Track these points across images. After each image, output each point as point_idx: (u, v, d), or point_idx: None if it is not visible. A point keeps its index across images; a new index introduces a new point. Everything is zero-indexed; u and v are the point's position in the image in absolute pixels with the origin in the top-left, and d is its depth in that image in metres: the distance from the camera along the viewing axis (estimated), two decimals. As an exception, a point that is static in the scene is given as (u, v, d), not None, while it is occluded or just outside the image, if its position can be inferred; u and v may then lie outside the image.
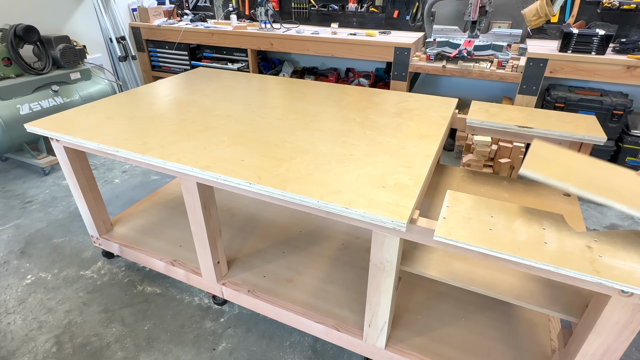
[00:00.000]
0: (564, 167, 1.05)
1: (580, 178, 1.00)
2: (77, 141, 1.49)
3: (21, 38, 2.74)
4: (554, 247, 0.94)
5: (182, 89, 2.06)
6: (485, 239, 0.97)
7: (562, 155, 1.12)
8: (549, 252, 0.92)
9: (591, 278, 0.86)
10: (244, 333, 1.64)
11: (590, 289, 0.95)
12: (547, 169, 1.02)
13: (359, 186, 1.14)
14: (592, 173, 1.04)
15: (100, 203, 1.90)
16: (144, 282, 1.91)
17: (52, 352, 1.56)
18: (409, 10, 3.27)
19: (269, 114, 1.70)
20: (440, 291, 1.58)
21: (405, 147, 1.39)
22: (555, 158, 1.09)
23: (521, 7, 2.85)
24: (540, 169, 1.02)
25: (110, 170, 2.99)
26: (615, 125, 2.55)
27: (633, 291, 0.84)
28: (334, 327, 1.44)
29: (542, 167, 1.03)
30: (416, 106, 1.79)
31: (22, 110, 2.69)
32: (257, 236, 1.92)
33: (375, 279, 1.21)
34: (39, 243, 2.19)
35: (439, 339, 1.40)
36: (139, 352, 1.56)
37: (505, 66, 2.66)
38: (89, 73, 3.16)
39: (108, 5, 3.68)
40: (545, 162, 1.05)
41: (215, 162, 1.28)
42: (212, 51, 3.76)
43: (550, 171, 1.02)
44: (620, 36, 2.68)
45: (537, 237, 1.02)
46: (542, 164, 1.05)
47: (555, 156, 1.10)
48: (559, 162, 1.07)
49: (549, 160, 1.07)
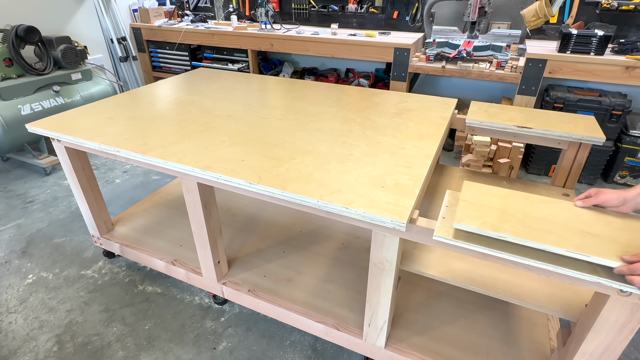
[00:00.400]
0: (497, 210, 1.01)
1: (515, 223, 0.97)
2: (78, 141, 1.50)
3: (22, 39, 2.75)
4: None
5: (183, 90, 2.07)
6: (484, 238, 0.97)
7: (494, 196, 1.08)
8: (549, 251, 0.92)
9: (590, 278, 0.87)
10: (245, 332, 1.65)
11: (589, 289, 0.96)
12: (481, 218, 0.98)
13: (359, 186, 1.14)
14: (527, 212, 1.01)
15: (101, 203, 1.91)
16: (145, 281, 1.92)
17: (53, 352, 1.57)
18: (408, 11, 3.28)
19: (269, 114, 1.71)
20: (440, 290, 1.59)
21: (404, 147, 1.39)
22: (487, 202, 1.05)
23: (520, 8, 2.85)
24: (474, 219, 0.98)
25: (111, 170, 3.00)
26: (614, 126, 2.56)
27: (632, 290, 0.84)
28: (334, 326, 1.44)
29: (475, 217, 0.98)
30: (416, 106, 1.80)
31: (23, 110, 2.70)
32: (257, 236, 1.93)
33: (375, 279, 1.21)
34: (40, 243, 2.20)
35: (439, 338, 1.40)
36: (140, 352, 1.56)
37: (504, 67, 2.67)
38: (90, 73, 3.17)
39: (109, 6, 3.69)
40: (478, 209, 1.02)
41: (215, 162, 1.29)
42: (213, 52, 3.77)
43: (484, 219, 0.98)
44: (619, 37, 2.68)
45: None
46: (475, 212, 1.01)
47: (487, 199, 1.06)
48: (492, 205, 1.04)
49: (482, 206, 1.03)
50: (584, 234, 0.93)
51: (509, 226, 0.96)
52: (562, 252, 0.89)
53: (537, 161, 2.88)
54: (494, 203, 1.05)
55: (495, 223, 0.97)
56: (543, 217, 1.00)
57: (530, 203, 1.05)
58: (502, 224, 0.97)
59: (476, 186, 1.13)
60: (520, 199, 1.07)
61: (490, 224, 0.96)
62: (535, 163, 2.90)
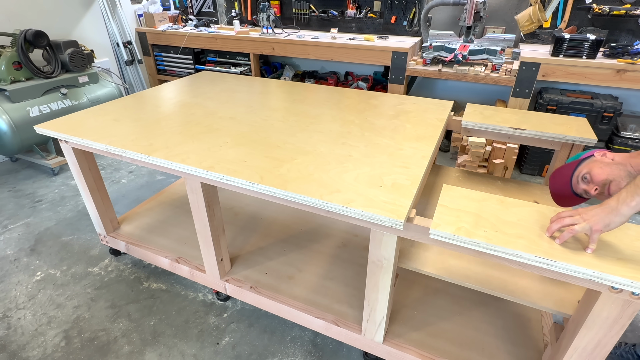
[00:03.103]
0: (473, 215, 1.03)
1: (489, 228, 0.99)
2: (85, 142, 1.51)
3: (31, 43, 2.79)
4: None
5: (187, 92, 2.09)
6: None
7: (471, 201, 1.10)
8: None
9: (582, 275, 0.88)
10: (247, 328, 1.67)
11: (582, 286, 0.97)
12: (456, 223, 1.00)
13: (358, 186, 1.16)
14: (501, 216, 1.03)
15: (108, 202, 1.93)
16: (150, 278, 1.95)
17: (60, 347, 1.59)
18: (406, 15, 3.32)
19: (270, 116, 1.73)
20: (436, 287, 1.61)
21: (402, 148, 1.41)
22: (464, 206, 1.07)
23: (514, 13, 2.88)
24: (449, 224, 1.00)
25: (117, 171, 3.03)
26: (606, 127, 2.59)
27: (623, 287, 0.86)
28: (334, 322, 1.46)
29: (451, 222, 1.01)
30: (413, 109, 1.82)
31: (32, 112, 2.74)
32: (259, 234, 1.95)
33: (373, 276, 1.23)
34: (48, 241, 2.23)
35: (435, 333, 1.42)
36: (145, 347, 1.59)
37: (499, 70, 2.70)
38: (96, 76, 3.20)
39: (115, 11, 3.74)
40: (454, 214, 1.04)
41: (218, 163, 1.31)
42: (216, 55, 3.81)
43: (459, 225, 1.00)
44: (611, 41, 2.71)
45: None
46: (451, 217, 1.03)
47: (464, 204, 1.08)
48: (469, 209, 1.06)
49: (458, 211, 1.05)
50: (553, 239, 0.96)
51: (482, 232, 0.98)
52: (530, 258, 0.92)
53: (531, 162, 2.91)
54: (471, 207, 1.07)
55: (470, 229, 0.99)
56: (516, 221, 1.02)
57: (505, 207, 1.08)
58: (476, 229, 0.99)
59: (454, 190, 1.15)
60: (496, 203, 1.09)
61: (465, 230, 0.99)
62: (529, 163, 2.92)
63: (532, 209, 1.07)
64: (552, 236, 0.97)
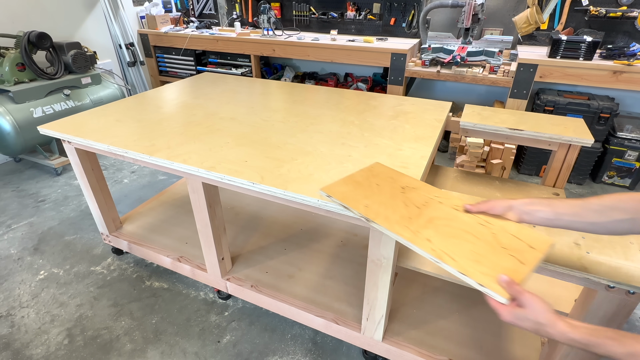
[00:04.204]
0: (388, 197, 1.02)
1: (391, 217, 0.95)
2: (88, 143, 1.53)
3: (34, 44, 2.81)
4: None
5: (188, 93, 2.11)
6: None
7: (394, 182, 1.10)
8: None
9: (579, 274, 0.89)
10: (248, 326, 1.68)
11: (579, 285, 0.97)
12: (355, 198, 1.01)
13: None
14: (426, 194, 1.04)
15: (110, 202, 1.95)
16: (152, 277, 1.96)
17: (64, 345, 1.60)
18: (405, 17, 3.34)
19: (271, 116, 1.74)
20: (435, 286, 1.62)
21: (401, 148, 1.42)
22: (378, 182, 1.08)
23: (512, 15, 2.90)
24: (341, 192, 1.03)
25: (119, 171, 3.05)
26: (602, 128, 2.61)
27: (619, 286, 0.87)
28: (333, 320, 1.47)
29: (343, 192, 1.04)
30: (412, 109, 1.84)
31: (35, 113, 2.76)
32: (259, 234, 1.96)
33: (372, 275, 1.24)
34: (52, 240, 2.25)
35: (434, 331, 1.43)
36: (147, 345, 1.60)
37: (497, 71, 2.72)
38: (99, 78, 3.23)
39: (117, 13, 3.77)
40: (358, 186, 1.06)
41: (219, 163, 1.32)
42: (217, 57, 3.83)
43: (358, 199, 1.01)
44: (607, 43, 2.73)
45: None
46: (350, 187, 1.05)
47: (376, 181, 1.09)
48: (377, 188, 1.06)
49: (369, 185, 1.07)
50: (466, 234, 0.90)
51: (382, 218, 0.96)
52: (413, 247, 0.89)
53: (528, 162, 2.92)
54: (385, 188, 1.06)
55: (371, 206, 0.99)
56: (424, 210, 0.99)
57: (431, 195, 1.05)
58: (376, 214, 0.97)
59: (383, 168, 1.18)
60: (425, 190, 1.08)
61: (360, 205, 0.99)
62: (527, 164, 2.93)
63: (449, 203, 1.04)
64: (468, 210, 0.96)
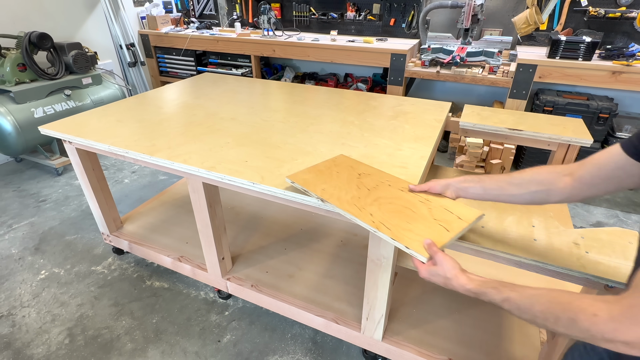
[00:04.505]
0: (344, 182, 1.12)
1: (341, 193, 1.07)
2: (89, 143, 1.53)
3: (35, 45, 2.82)
4: (543, 243, 0.96)
5: (189, 94, 2.11)
6: (476, 236, 1.01)
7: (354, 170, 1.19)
8: (539, 248, 0.94)
9: (578, 274, 0.90)
10: (248, 326, 1.69)
11: (578, 284, 0.98)
12: (318, 183, 1.10)
13: None
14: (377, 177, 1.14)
15: (111, 202, 1.95)
16: (152, 277, 1.97)
17: (64, 344, 1.61)
18: (404, 18, 3.35)
19: (271, 117, 1.75)
20: (435, 286, 1.57)
21: (401, 148, 1.42)
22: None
23: (511, 16, 2.91)
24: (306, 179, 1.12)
25: (120, 171, 3.06)
26: (601, 128, 2.61)
27: (617, 286, 0.87)
28: (333, 320, 1.47)
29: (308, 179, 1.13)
30: (411, 110, 1.84)
31: (36, 113, 2.77)
32: (260, 233, 1.97)
33: (372, 274, 1.24)
34: (53, 240, 2.26)
35: (434, 331, 1.43)
36: (148, 344, 1.61)
37: (496, 72, 2.72)
38: (100, 78, 3.23)
39: (118, 13, 3.78)
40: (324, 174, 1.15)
41: (220, 163, 1.32)
42: (217, 57, 3.84)
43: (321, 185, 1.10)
44: (606, 43, 2.73)
45: (526, 235, 1.06)
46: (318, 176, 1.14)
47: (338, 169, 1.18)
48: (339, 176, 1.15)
49: (332, 173, 1.16)
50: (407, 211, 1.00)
51: (335, 199, 1.05)
52: (356, 221, 0.98)
53: (528, 162, 2.92)
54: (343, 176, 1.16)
55: (327, 189, 1.08)
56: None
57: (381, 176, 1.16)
58: (328, 193, 1.06)
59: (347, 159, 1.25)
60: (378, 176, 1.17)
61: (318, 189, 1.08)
62: (526, 164, 2.93)
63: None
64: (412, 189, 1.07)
